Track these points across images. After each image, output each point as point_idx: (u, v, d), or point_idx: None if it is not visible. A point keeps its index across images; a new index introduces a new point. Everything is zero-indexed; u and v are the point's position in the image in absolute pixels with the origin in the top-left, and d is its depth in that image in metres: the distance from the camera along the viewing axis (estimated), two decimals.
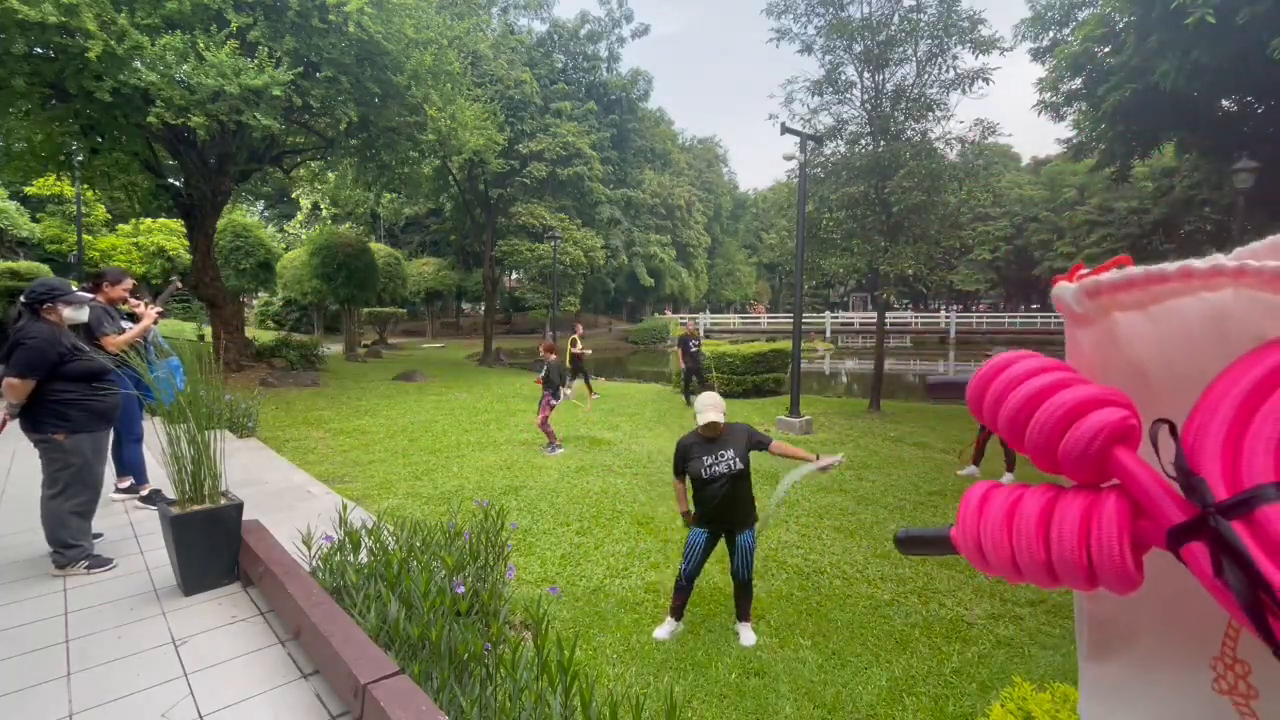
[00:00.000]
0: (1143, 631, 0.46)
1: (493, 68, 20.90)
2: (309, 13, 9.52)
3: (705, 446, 3.39)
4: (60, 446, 3.48)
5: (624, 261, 34.86)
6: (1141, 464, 0.37)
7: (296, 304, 30.78)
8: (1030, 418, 0.40)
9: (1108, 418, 0.38)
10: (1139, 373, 0.43)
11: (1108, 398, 0.39)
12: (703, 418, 3.32)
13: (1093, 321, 0.45)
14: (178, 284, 6.69)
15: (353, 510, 4.14)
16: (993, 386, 0.43)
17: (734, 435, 3.41)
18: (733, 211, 53.32)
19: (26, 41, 8.04)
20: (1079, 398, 0.39)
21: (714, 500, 3.37)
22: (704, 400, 3.41)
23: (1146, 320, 0.41)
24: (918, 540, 0.50)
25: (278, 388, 12.17)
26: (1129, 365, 0.43)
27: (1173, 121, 12.01)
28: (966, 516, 0.44)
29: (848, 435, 9.51)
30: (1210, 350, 0.38)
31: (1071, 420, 0.39)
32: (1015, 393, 0.42)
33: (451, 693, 2.29)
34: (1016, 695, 2.06)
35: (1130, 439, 0.39)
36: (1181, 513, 0.35)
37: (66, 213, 23.89)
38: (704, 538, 3.45)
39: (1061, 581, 0.39)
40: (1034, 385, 0.41)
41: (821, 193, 11.55)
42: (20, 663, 2.66)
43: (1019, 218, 44.54)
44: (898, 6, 10.38)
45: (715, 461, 3.33)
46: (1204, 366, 0.38)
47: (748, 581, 3.48)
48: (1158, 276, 0.39)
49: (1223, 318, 0.37)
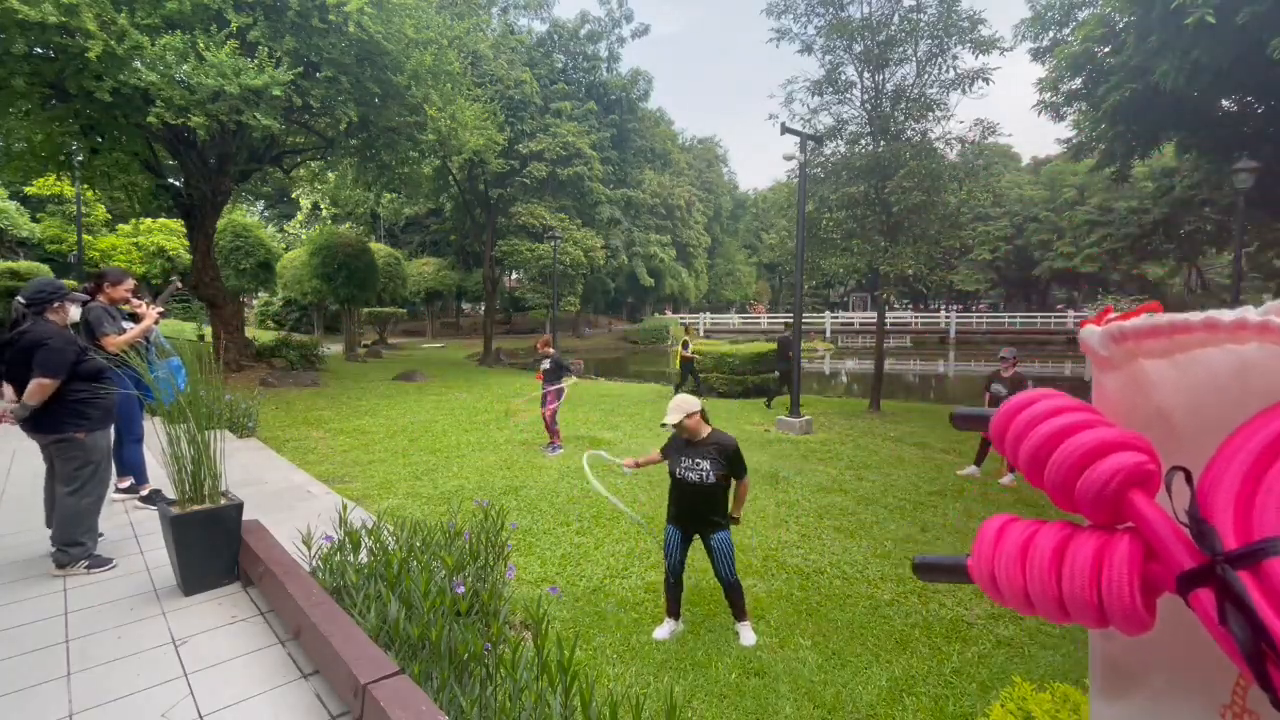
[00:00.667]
0: (1154, 674, 0.47)
1: (493, 68, 20.90)
2: (309, 13, 9.52)
3: (685, 448, 3.39)
4: (81, 445, 3.53)
5: (624, 261, 34.85)
6: (1156, 508, 0.38)
7: (296, 304, 30.79)
8: (1050, 456, 0.41)
9: (1125, 461, 0.39)
10: (1164, 418, 0.43)
11: (1127, 441, 0.40)
12: (664, 420, 3.33)
13: (1118, 367, 0.45)
14: (178, 284, 6.69)
15: (353, 510, 4.14)
16: (1015, 422, 0.44)
17: (715, 448, 3.32)
18: (733, 211, 53.30)
19: (26, 41, 8.04)
20: (1099, 439, 0.40)
21: (682, 501, 3.43)
22: (672, 401, 3.42)
23: (1172, 368, 0.42)
24: (934, 567, 0.50)
25: (278, 388, 12.17)
26: (1154, 410, 0.44)
27: (1173, 121, 12.01)
28: (982, 548, 0.44)
29: (848, 435, 9.50)
30: (1234, 400, 0.39)
31: (1090, 461, 0.39)
32: (1036, 430, 0.42)
33: (451, 693, 2.29)
34: (1016, 695, 2.06)
35: (1148, 484, 0.39)
36: (1192, 559, 0.35)
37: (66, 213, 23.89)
38: (678, 535, 3.49)
39: (1073, 618, 0.40)
40: (1055, 424, 0.42)
41: (821, 193, 11.55)
42: (20, 663, 2.66)
43: (1019, 218, 44.53)
44: (898, 6, 10.39)
45: (690, 467, 3.34)
46: (1228, 416, 0.39)
47: (734, 582, 3.48)
48: (1183, 326, 0.40)
49: (1247, 370, 0.38)
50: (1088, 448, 0.40)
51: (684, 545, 3.49)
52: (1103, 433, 0.40)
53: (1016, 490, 6.71)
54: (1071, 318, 36.63)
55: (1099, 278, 43.11)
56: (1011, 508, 6.01)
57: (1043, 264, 43.36)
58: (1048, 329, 36.54)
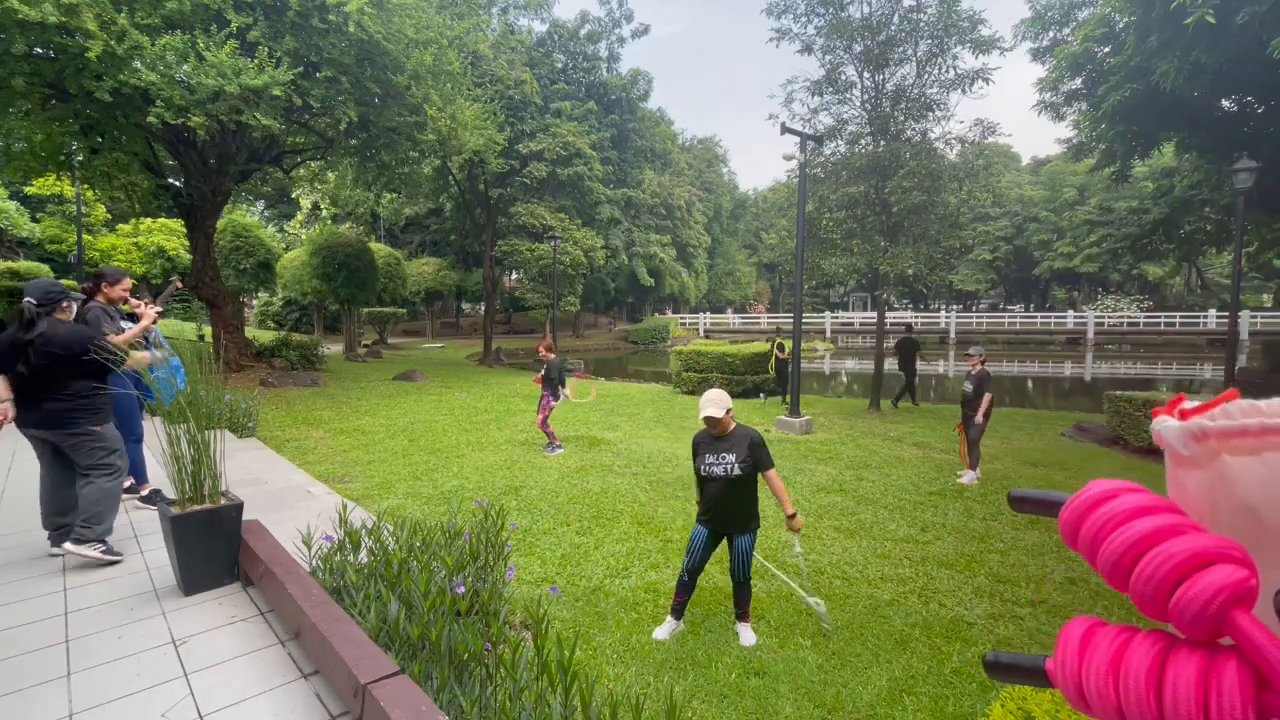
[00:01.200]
0: None
1: (493, 68, 20.91)
2: (309, 13, 9.52)
3: (711, 444, 3.41)
4: (101, 436, 3.70)
5: (624, 261, 34.85)
6: (1263, 632, 0.35)
7: (296, 304, 30.81)
8: (1135, 563, 0.38)
9: (1227, 578, 0.35)
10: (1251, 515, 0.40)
11: (1225, 552, 0.36)
12: (701, 413, 3.34)
13: (1200, 466, 0.42)
14: (178, 284, 6.69)
15: (353, 510, 4.14)
16: (1091, 520, 0.41)
17: (739, 440, 3.38)
18: (733, 211, 53.31)
19: (26, 41, 8.04)
20: (1192, 550, 0.36)
21: (710, 500, 3.41)
22: (705, 396, 3.42)
23: (1261, 465, 0.39)
24: (1009, 668, 0.47)
25: (278, 388, 12.17)
26: (1241, 507, 0.41)
27: (1173, 121, 12.01)
28: (1067, 656, 0.41)
29: (848, 435, 9.50)
30: None
31: (1183, 574, 0.36)
32: (1118, 535, 0.39)
33: (451, 693, 2.29)
34: (1016, 695, 2.06)
35: (1248, 600, 0.36)
36: None
37: (66, 213, 23.90)
38: (705, 534, 3.46)
39: None
40: (1139, 529, 0.38)
41: (821, 193, 11.55)
42: (20, 663, 2.66)
43: (1019, 218, 44.58)
44: (898, 6, 10.39)
45: (716, 462, 3.35)
46: None
47: (746, 583, 3.49)
48: (1274, 428, 0.37)
49: None
50: (1179, 559, 0.36)
51: (710, 545, 3.47)
52: (1195, 541, 0.37)
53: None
54: (1072, 318, 36.65)
55: (1099, 278, 43.16)
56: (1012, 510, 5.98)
57: (1043, 264, 43.42)
58: (1047, 329, 36.57)
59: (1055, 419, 11.46)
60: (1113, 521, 0.40)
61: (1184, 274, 42.59)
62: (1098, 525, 0.40)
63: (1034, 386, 21.20)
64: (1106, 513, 0.40)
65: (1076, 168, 34.69)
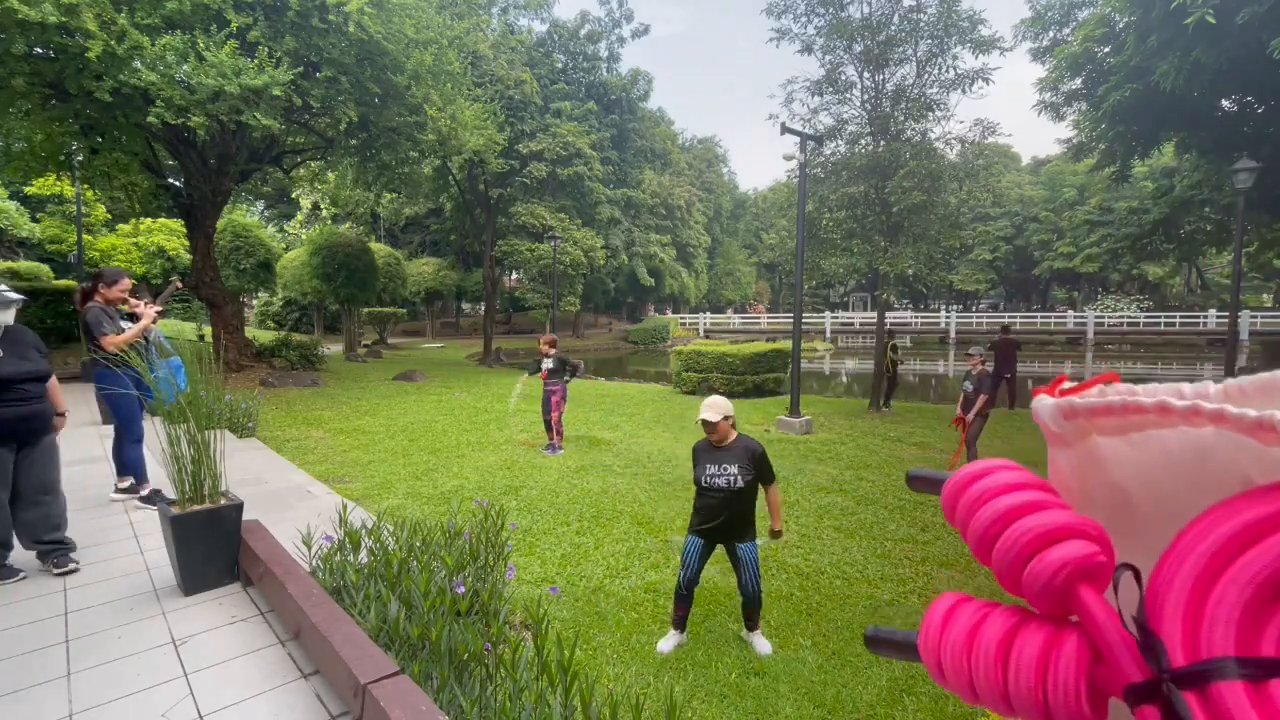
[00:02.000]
0: None
1: (493, 68, 20.91)
2: (309, 13, 9.52)
3: (711, 454, 3.33)
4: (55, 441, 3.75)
5: (624, 261, 34.84)
6: (1105, 609, 0.36)
7: (296, 304, 30.79)
8: (997, 537, 0.39)
9: (1074, 552, 0.36)
10: (1120, 495, 0.41)
11: (1078, 528, 0.37)
12: (699, 416, 3.30)
13: (1071, 443, 0.43)
14: (178, 284, 6.69)
15: (353, 510, 4.14)
16: (966, 495, 0.41)
17: (740, 451, 3.29)
18: (733, 211, 53.30)
19: (26, 41, 8.04)
20: (1047, 525, 0.37)
21: (709, 511, 3.32)
22: (704, 402, 3.38)
23: (1128, 445, 0.40)
24: (886, 642, 0.47)
25: (278, 388, 12.17)
26: (1110, 487, 0.41)
27: (1173, 121, 12.02)
28: (930, 630, 0.42)
29: (848, 435, 9.50)
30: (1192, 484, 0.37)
31: (1037, 548, 0.37)
32: (986, 508, 0.40)
33: (451, 693, 2.29)
34: None
35: (1098, 577, 0.37)
36: (1139, 671, 0.33)
37: (66, 213, 23.89)
38: (700, 545, 3.39)
39: (1017, 714, 0.37)
40: (1005, 503, 0.39)
41: (821, 193, 11.55)
42: (20, 663, 2.66)
43: (1019, 218, 44.56)
44: (898, 6, 10.39)
45: (718, 473, 3.27)
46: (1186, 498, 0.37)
47: (757, 595, 3.40)
48: (1135, 407, 0.38)
49: (1205, 453, 0.36)
50: (1035, 534, 0.37)
51: (704, 556, 3.39)
52: (1052, 517, 0.38)
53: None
54: (1072, 318, 36.64)
55: (1099, 278, 43.16)
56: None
57: (1043, 264, 43.41)
58: (1047, 329, 36.57)
59: None
60: (983, 497, 0.40)
61: (1184, 274, 42.60)
62: (970, 500, 0.41)
63: (1034, 387, 21.18)
64: (979, 489, 0.41)
65: (1076, 168, 34.64)
